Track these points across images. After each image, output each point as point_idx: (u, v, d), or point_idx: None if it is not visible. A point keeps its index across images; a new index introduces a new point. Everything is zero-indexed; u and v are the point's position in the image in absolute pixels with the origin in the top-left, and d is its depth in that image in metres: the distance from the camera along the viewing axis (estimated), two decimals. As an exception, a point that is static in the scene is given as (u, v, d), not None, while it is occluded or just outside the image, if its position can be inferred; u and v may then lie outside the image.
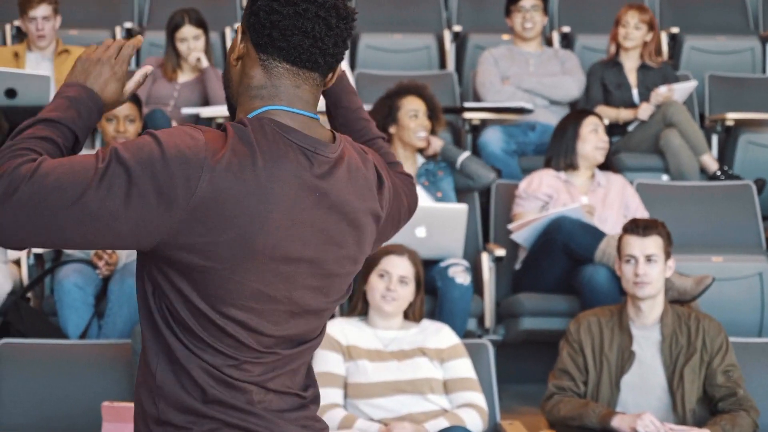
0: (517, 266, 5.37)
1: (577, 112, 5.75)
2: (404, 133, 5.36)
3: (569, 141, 5.46)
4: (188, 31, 6.37)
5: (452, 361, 4.22)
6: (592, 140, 5.43)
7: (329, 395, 4.16)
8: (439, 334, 4.29)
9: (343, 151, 1.97)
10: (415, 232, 4.89)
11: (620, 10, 6.63)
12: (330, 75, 2.00)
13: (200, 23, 6.41)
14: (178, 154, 1.82)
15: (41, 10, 6.37)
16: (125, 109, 5.25)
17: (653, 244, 4.30)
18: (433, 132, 5.44)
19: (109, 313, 4.75)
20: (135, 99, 5.36)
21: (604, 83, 6.60)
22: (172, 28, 6.41)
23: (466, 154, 5.48)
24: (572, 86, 6.54)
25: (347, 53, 2.14)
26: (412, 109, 5.34)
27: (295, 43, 1.92)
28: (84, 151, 2.09)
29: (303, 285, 1.95)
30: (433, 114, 5.43)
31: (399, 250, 4.36)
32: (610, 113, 6.37)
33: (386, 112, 5.36)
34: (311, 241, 1.93)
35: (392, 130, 5.37)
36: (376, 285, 4.29)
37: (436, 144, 5.48)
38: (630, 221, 4.45)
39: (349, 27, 1.97)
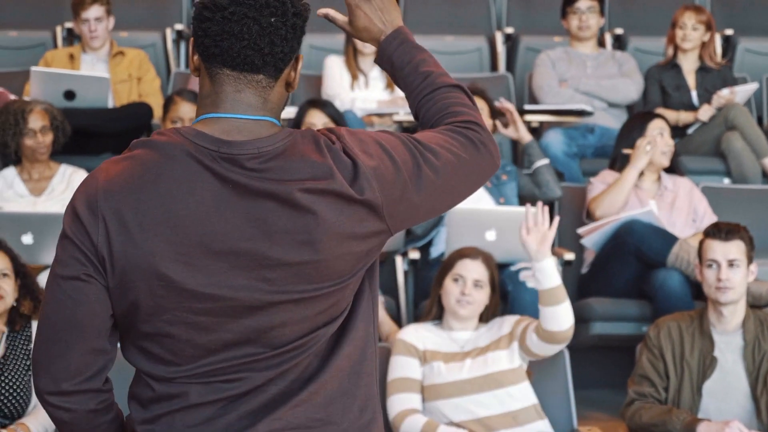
0: (584, 270, 5.31)
1: (642, 114, 5.67)
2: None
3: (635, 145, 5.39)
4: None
5: (522, 324, 4.18)
6: (658, 144, 5.35)
7: (407, 400, 4.12)
8: (506, 322, 4.24)
9: (286, 145, 1.90)
10: (485, 236, 4.83)
11: (677, 12, 6.56)
12: (288, 72, 1.96)
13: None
14: None
15: (94, 11, 6.35)
16: (189, 111, 5.22)
17: (736, 248, 4.23)
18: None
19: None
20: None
21: (663, 86, 6.52)
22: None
23: (546, 160, 5.41)
24: (631, 89, 6.48)
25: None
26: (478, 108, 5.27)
27: (226, 47, 1.90)
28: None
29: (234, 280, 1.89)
30: (494, 115, 5.37)
31: (473, 253, 4.30)
32: (670, 116, 6.29)
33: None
34: (233, 234, 1.87)
35: None
36: (450, 289, 4.24)
37: (525, 135, 5.41)
38: (712, 225, 4.38)
39: (289, 23, 1.92)
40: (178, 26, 7.63)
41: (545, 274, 4.05)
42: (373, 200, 1.91)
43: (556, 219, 4.17)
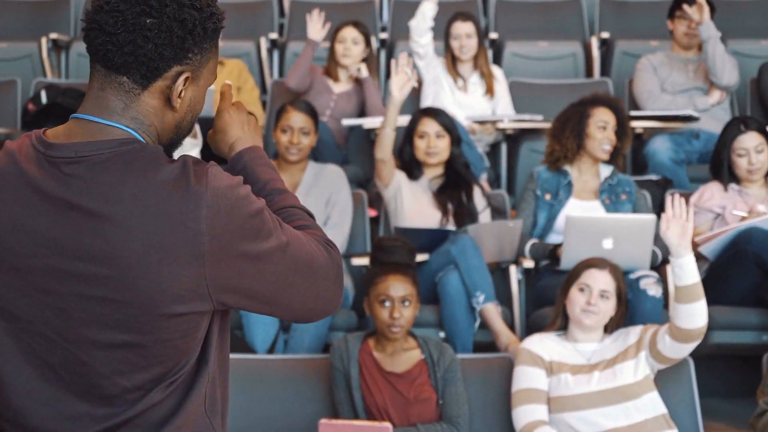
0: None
1: (737, 127, 5.40)
2: (589, 143, 5.23)
3: (725, 159, 5.29)
4: (348, 32, 6.35)
5: (649, 330, 4.13)
6: (742, 163, 5.23)
7: (534, 412, 4.08)
8: (631, 332, 4.21)
9: (112, 155, 1.77)
10: (603, 244, 4.78)
11: None
12: (163, 85, 1.82)
13: (363, 31, 6.38)
14: None
15: None
16: (300, 121, 5.21)
17: None
18: (619, 148, 5.29)
19: (296, 328, 4.70)
20: (311, 111, 5.31)
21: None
22: (335, 30, 6.41)
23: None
24: (734, 72, 6.36)
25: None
26: (602, 120, 5.21)
27: (92, 38, 1.81)
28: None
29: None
30: (621, 130, 5.28)
31: (600, 263, 4.26)
32: None
33: (577, 118, 5.24)
34: (30, 250, 1.78)
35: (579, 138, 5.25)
36: (576, 299, 4.20)
37: None
38: None
39: (164, 26, 1.79)
40: (272, 35, 7.65)
41: (685, 270, 4.02)
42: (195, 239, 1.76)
43: (692, 211, 4.13)
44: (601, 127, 5.21)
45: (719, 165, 5.31)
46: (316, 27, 6.44)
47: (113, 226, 1.74)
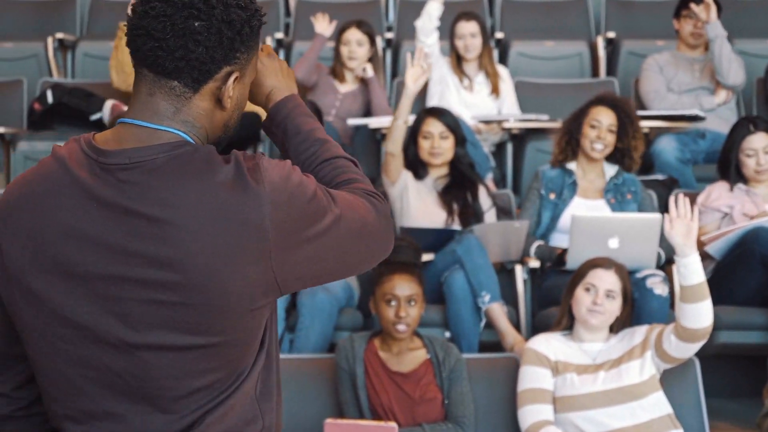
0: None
1: (746, 127, 5.38)
2: (582, 141, 5.24)
3: (734, 159, 5.28)
4: (352, 34, 6.35)
5: (655, 330, 4.14)
6: (751, 164, 5.22)
7: (540, 412, 4.07)
8: (637, 332, 4.21)
9: (166, 159, 1.76)
10: (608, 243, 4.77)
11: None
12: (214, 87, 1.81)
13: (367, 31, 6.38)
14: None
15: None
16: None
17: None
18: (624, 149, 5.26)
19: (301, 327, 4.69)
20: (316, 110, 5.31)
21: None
22: (339, 31, 6.41)
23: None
24: (740, 71, 6.35)
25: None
26: (596, 119, 5.21)
27: (140, 44, 1.78)
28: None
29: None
30: (623, 130, 5.25)
31: (606, 263, 4.25)
32: None
33: (575, 117, 5.27)
34: (89, 257, 1.76)
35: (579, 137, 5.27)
36: (582, 298, 4.19)
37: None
38: None
39: (214, 29, 1.77)
40: (278, 35, 7.66)
41: (690, 269, 4.01)
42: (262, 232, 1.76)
43: (696, 210, 4.12)
44: (593, 126, 5.20)
45: (727, 165, 5.29)
46: (323, 24, 6.45)
47: (177, 231, 1.72)
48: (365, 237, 1.87)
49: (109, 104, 6.20)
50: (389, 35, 7.74)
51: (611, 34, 7.59)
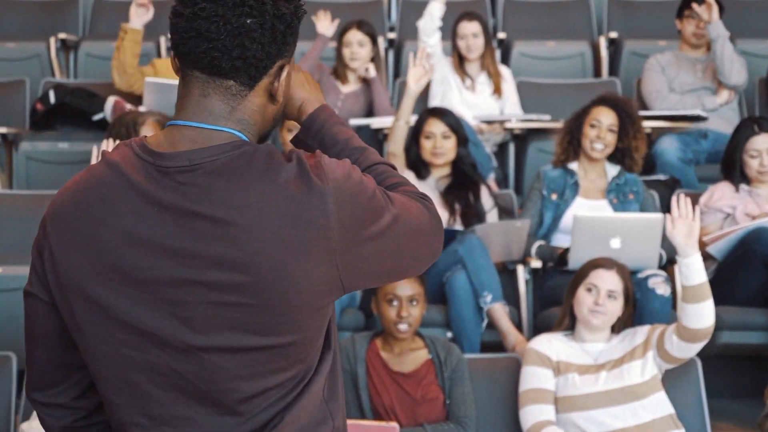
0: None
1: (750, 128, 5.37)
2: (582, 141, 5.25)
3: (738, 159, 5.28)
4: (353, 35, 6.35)
5: (657, 330, 4.14)
6: (754, 164, 5.22)
7: (542, 412, 4.08)
8: (639, 332, 4.21)
9: (228, 159, 1.74)
10: (610, 243, 4.77)
11: None
12: (268, 82, 1.80)
13: (368, 31, 6.38)
14: None
15: None
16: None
17: None
18: (626, 149, 5.27)
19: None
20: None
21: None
22: (340, 32, 6.42)
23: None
24: (743, 71, 6.35)
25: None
26: (596, 119, 5.22)
27: (193, 47, 1.75)
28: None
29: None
30: (624, 130, 5.26)
31: (607, 263, 4.26)
32: None
33: (576, 117, 5.27)
34: (150, 261, 1.74)
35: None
36: (583, 299, 4.19)
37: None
38: None
39: (267, 25, 1.76)
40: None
41: (692, 270, 4.02)
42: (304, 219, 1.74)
43: (698, 210, 4.12)
44: (594, 126, 5.21)
45: (731, 165, 5.29)
46: (325, 23, 6.46)
47: (242, 232, 1.71)
48: (420, 237, 1.87)
49: (111, 101, 6.20)
50: (391, 35, 7.74)
51: (613, 34, 7.58)
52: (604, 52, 7.44)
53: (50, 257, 1.79)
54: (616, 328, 4.25)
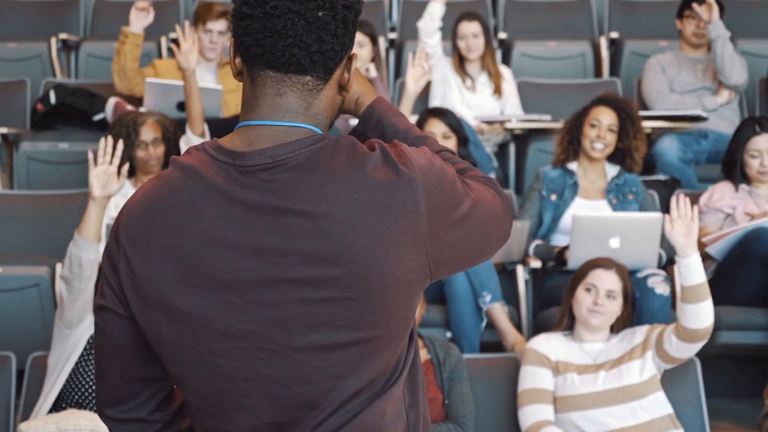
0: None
1: (751, 128, 5.37)
2: (582, 141, 5.25)
3: (739, 159, 5.28)
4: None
5: (656, 330, 4.15)
6: (755, 165, 5.22)
7: (541, 412, 4.08)
8: (638, 332, 4.22)
9: (311, 153, 1.71)
10: (609, 243, 4.78)
11: None
12: (340, 74, 1.78)
13: (368, 32, 6.38)
14: None
15: (219, 24, 6.33)
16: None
17: None
18: (625, 149, 5.27)
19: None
20: None
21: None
22: None
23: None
24: (743, 71, 6.35)
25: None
26: (596, 119, 5.22)
27: (269, 46, 1.71)
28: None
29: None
30: (623, 130, 5.26)
31: (607, 263, 4.26)
32: None
33: (576, 116, 5.28)
34: (240, 264, 1.71)
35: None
36: (582, 299, 4.20)
37: None
38: None
39: (339, 16, 1.74)
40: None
41: (691, 270, 4.02)
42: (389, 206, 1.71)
43: (696, 210, 4.13)
44: (593, 126, 5.21)
45: (732, 166, 5.29)
46: None
47: (334, 224, 1.68)
48: (494, 221, 1.85)
49: (112, 102, 6.20)
50: (392, 35, 7.74)
51: (614, 35, 7.59)
52: (604, 52, 7.44)
53: (127, 269, 1.75)
54: (615, 327, 4.25)
